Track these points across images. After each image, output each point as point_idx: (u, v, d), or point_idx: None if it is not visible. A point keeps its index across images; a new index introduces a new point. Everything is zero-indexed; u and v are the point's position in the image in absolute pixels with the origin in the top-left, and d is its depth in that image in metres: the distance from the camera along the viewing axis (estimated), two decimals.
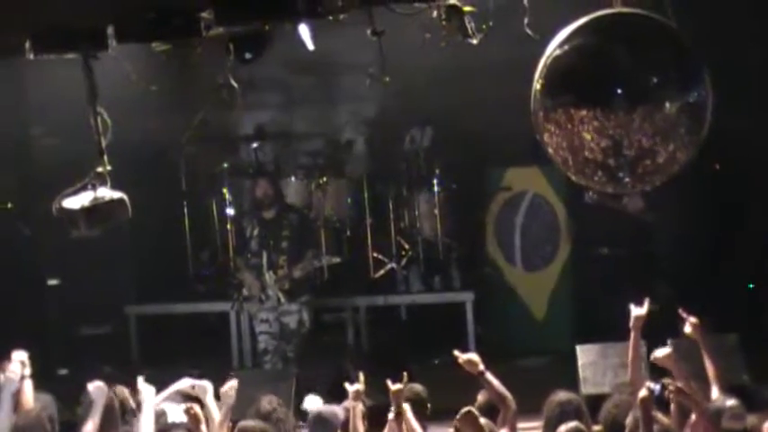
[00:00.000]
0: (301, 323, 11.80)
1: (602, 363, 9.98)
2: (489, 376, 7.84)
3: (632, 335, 8.20)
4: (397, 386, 7.55)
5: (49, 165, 12.27)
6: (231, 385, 8.18)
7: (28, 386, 8.41)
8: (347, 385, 7.89)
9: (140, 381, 8.18)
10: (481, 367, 7.81)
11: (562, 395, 7.88)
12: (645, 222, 12.19)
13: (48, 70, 8.59)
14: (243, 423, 7.98)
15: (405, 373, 7.68)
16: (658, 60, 6.41)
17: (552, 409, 7.80)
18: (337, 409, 8.17)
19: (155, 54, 7.43)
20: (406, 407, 7.59)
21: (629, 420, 7.53)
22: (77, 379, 8.64)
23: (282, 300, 11.71)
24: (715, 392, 7.83)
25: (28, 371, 8.47)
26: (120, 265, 13.15)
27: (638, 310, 8.19)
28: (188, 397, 8.25)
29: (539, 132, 6.60)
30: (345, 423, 7.96)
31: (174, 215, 13.69)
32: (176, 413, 7.91)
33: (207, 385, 8.29)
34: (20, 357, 8.50)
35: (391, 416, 7.50)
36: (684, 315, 8.17)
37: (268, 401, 8.26)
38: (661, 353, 7.90)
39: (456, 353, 7.86)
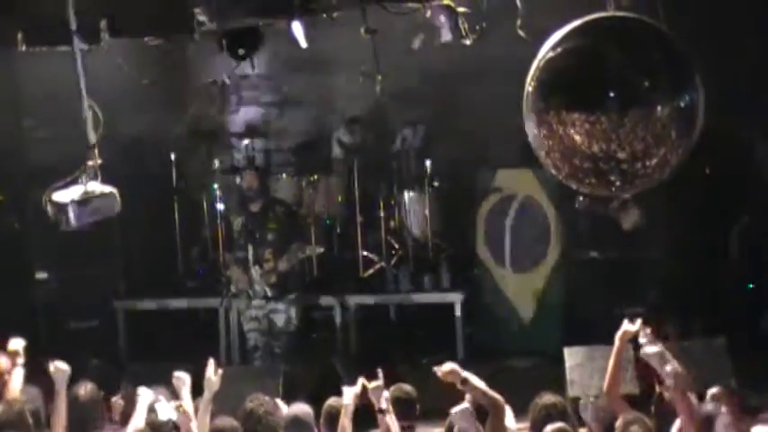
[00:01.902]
0: (289, 321, 11.79)
1: (589, 365, 9.98)
2: (474, 382, 7.83)
3: (616, 345, 8.23)
4: (375, 383, 7.55)
5: (40, 158, 12.26)
6: (215, 371, 8.17)
7: (18, 375, 8.41)
8: (345, 387, 7.89)
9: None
10: (463, 375, 7.79)
11: (548, 397, 7.88)
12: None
13: (39, 63, 8.58)
14: (216, 421, 7.99)
15: (379, 370, 7.68)
16: (650, 64, 6.42)
17: (538, 412, 7.81)
18: (307, 407, 8.17)
19: (147, 49, 7.43)
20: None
21: (618, 423, 7.54)
22: None
23: (269, 293, 11.70)
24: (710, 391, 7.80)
25: (21, 360, 8.48)
26: (109, 259, 13.14)
27: (629, 326, 8.19)
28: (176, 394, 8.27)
29: (530, 134, 6.60)
30: (331, 420, 7.96)
31: (164, 210, 13.67)
32: (166, 410, 7.91)
33: (185, 377, 8.28)
34: (15, 346, 8.51)
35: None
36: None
37: (253, 400, 8.25)
38: (651, 350, 7.84)
39: (435, 369, 7.85)
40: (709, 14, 11.30)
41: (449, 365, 7.83)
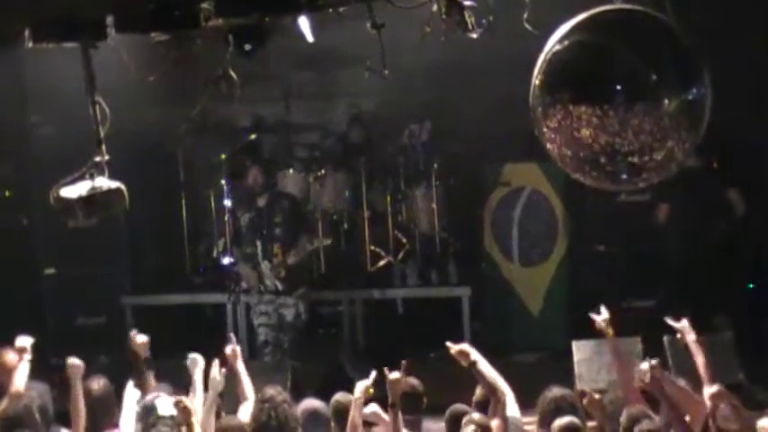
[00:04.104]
0: (298, 315, 11.79)
1: (597, 359, 9.98)
2: (481, 367, 7.86)
3: (608, 338, 8.28)
4: (395, 376, 7.55)
5: (47, 154, 12.28)
6: (219, 370, 8.21)
7: (23, 369, 8.42)
8: (358, 381, 7.90)
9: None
10: (472, 358, 7.83)
11: (556, 390, 7.89)
12: (642, 220, 12.19)
13: (46, 59, 8.59)
14: (222, 420, 8.00)
15: (403, 362, 7.68)
16: (658, 57, 6.41)
17: (546, 405, 7.81)
18: (321, 402, 8.20)
19: (153, 45, 7.42)
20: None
21: (623, 418, 7.54)
22: None
23: (280, 287, 11.70)
24: (707, 391, 7.84)
25: (28, 356, 8.49)
26: (116, 255, 13.16)
27: (599, 317, 8.29)
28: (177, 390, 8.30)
29: (537, 128, 6.60)
30: (339, 415, 7.97)
31: (171, 206, 13.69)
32: (166, 406, 7.92)
33: (199, 359, 8.33)
34: (23, 343, 8.52)
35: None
36: (672, 323, 8.23)
37: (273, 389, 8.25)
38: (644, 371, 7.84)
39: (448, 344, 7.89)
40: (716, 7, 11.29)
41: (462, 345, 7.88)
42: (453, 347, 7.87)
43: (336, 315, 13.19)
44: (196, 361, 8.35)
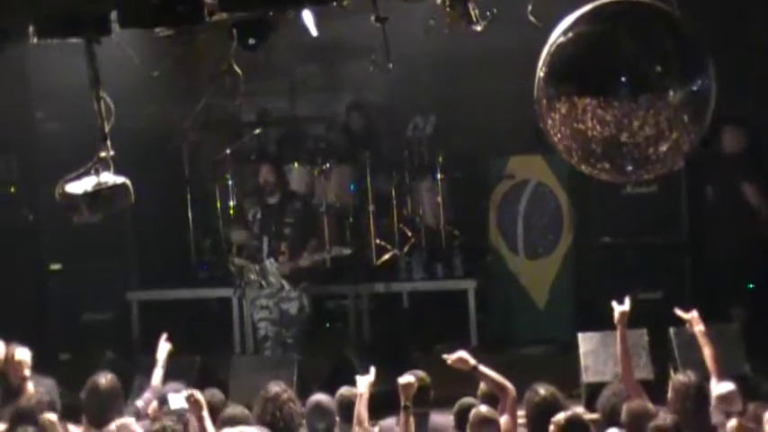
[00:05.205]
0: (302, 309, 11.77)
1: (603, 351, 9.99)
2: (483, 369, 7.87)
3: (618, 331, 8.28)
4: (407, 380, 7.55)
5: (52, 150, 12.28)
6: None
7: (29, 385, 8.42)
8: (358, 376, 7.92)
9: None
10: (472, 363, 7.85)
11: (536, 393, 7.80)
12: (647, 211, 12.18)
13: (51, 55, 8.59)
14: (228, 410, 8.00)
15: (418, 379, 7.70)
16: (662, 49, 6.40)
17: (532, 408, 7.75)
18: (327, 396, 8.21)
19: (158, 40, 7.43)
20: None
21: (624, 410, 7.54)
22: (79, 364, 8.66)
23: (287, 286, 11.68)
24: (714, 384, 7.85)
25: (28, 372, 8.45)
26: (122, 250, 13.16)
27: (620, 307, 8.27)
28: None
29: (542, 121, 6.60)
30: (345, 409, 7.99)
31: (176, 201, 13.69)
32: (178, 400, 7.92)
33: (202, 401, 8.09)
34: (22, 356, 8.48)
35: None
36: (681, 313, 8.24)
37: (277, 386, 8.25)
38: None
39: (444, 356, 7.91)
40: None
41: (458, 353, 7.89)
42: (450, 358, 7.91)
43: (342, 309, 13.18)
44: (200, 404, 7.74)
